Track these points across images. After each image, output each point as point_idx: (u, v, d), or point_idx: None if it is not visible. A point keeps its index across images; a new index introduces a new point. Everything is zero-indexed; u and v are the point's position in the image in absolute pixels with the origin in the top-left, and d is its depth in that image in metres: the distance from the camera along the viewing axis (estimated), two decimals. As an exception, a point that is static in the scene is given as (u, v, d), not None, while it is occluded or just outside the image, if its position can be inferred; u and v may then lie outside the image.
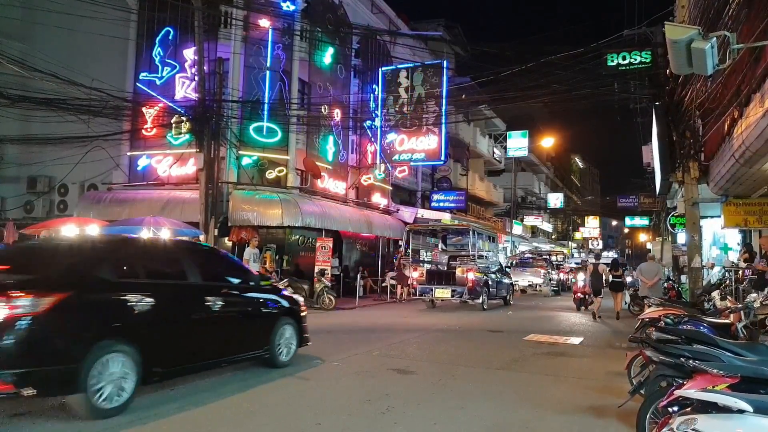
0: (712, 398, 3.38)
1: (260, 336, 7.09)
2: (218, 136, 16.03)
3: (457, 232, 20.81)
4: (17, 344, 4.52)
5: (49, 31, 17.13)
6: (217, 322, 6.44)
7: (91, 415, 4.89)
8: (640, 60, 13.99)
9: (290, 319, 7.61)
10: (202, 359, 6.29)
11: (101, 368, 4.95)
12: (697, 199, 12.77)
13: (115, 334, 5.19)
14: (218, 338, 6.50)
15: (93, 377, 4.87)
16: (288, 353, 7.49)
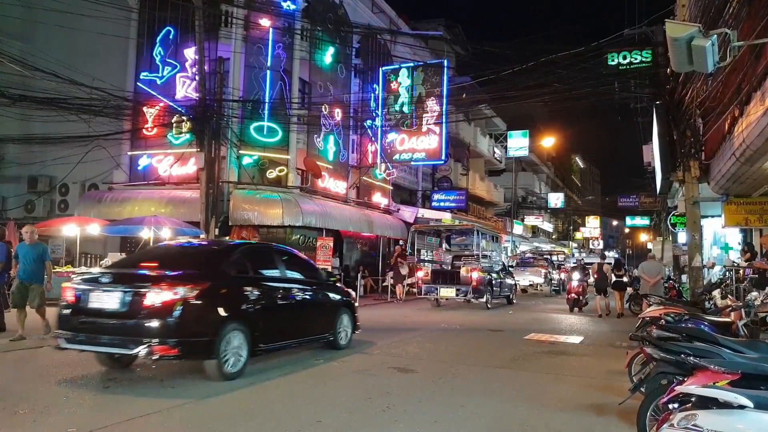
0: (712, 394, 3.38)
1: (328, 322, 8.56)
2: (219, 135, 16.04)
3: (461, 232, 21.02)
4: (177, 320, 5.96)
5: (50, 30, 17.15)
6: (299, 310, 8.08)
7: (220, 377, 6.31)
8: (641, 59, 14.00)
9: (347, 309, 9.09)
10: (289, 338, 7.74)
11: (227, 342, 6.37)
12: (698, 198, 12.77)
13: (236, 316, 6.61)
14: (300, 322, 8.02)
15: (222, 348, 6.30)
16: (346, 337, 8.93)
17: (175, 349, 5.99)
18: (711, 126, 11.64)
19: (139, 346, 5.88)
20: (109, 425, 4.71)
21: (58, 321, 6.53)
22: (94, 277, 6.50)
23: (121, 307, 6.10)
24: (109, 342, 6.17)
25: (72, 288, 6.50)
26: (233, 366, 6.46)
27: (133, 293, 6.10)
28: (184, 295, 6.03)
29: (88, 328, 6.21)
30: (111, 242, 17.68)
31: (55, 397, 5.64)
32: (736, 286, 11.20)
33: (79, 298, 6.38)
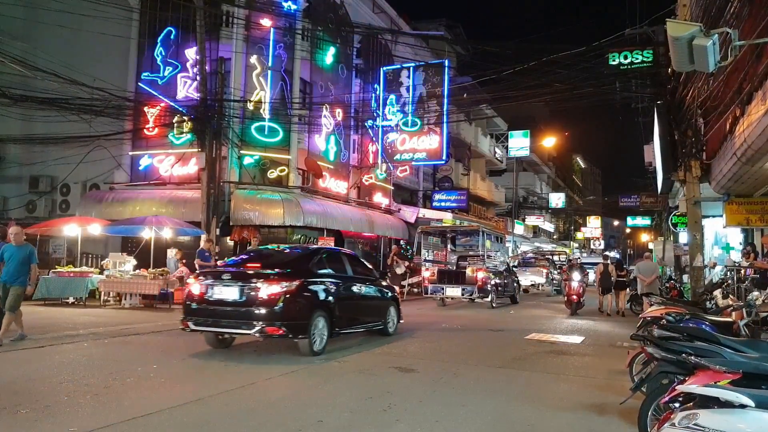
0: (714, 393, 3.38)
1: (381, 313, 10.25)
2: (220, 135, 16.08)
3: (466, 233, 21.30)
4: (282, 308, 7.67)
5: (52, 30, 17.17)
6: (363, 302, 9.76)
7: (310, 353, 7.95)
8: (642, 59, 14.01)
9: (394, 303, 10.76)
10: (357, 324, 9.54)
11: (315, 325, 8.04)
12: (699, 198, 12.76)
13: (320, 305, 8.29)
14: (364, 312, 9.75)
15: (311, 330, 7.97)
16: (393, 326, 10.56)
17: (282, 329, 7.69)
18: (712, 126, 11.63)
19: (255, 327, 7.63)
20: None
21: (185, 310, 8.27)
22: (217, 275, 8.27)
23: (239, 297, 7.82)
24: (229, 324, 7.94)
25: (197, 284, 8.25)
26: (319, 345, 8.16)
27: (248, 287, 7.80)
28: (286, 289, 7.76)
29: (212, 314, 7.98)
30: (112, 242, 17.71)
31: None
32: (738, 285, 11.18)
33: (203, 292, 8.09)
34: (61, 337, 9.10)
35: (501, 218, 38.37)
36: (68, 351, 8.09)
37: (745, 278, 11.40)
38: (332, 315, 8.46)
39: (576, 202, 60.34)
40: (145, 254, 15.03)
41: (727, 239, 17.82)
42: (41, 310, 12.99)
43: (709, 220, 16.37)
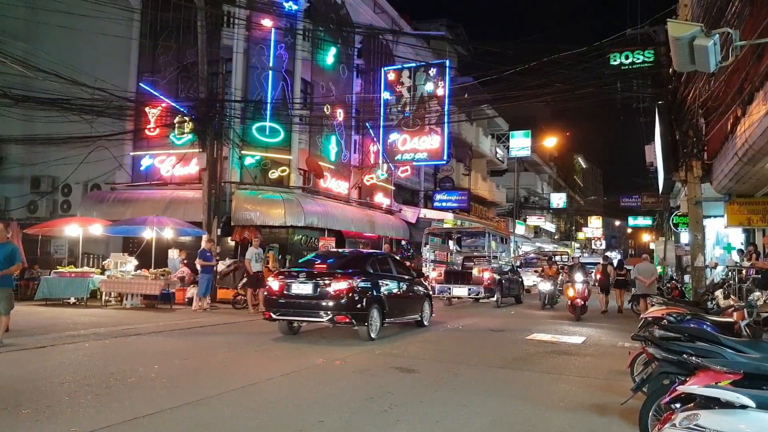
0: (714, 394, 3.38)
1: (418, 306, 11.92)
2: (221, 135, 16.09)
3: (472, 234, 21.79)
4: (348, 300, 9.43)
5: (53, 31, 17.19)
6: (405, 297, 11.40)
7: (368, 338, 9.65)
8: (643, 59, 13.98)
9: (428, 298, 12.55)
10: (401, 316, 11.25)
11: (371, 315, 9.79)
12: (700, 198, 12.74)
13: (375, 299, 10.01)
14: (406, 305, 11.45)
15: (369, 319, 9.70)
16: (427, 318, 12.24)
17: (348, 318, 9.43)
18: (713, 126, 11.62)
19: (328, 316, 9.43)
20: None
21: (266, 302, 10.30)
22: (293, 274, 9.95)
23: (313, 292, 9.55)
24: (305, 314, 9.75)
25: (276, 281, 9.96)
26: (374, 331, 9.86)
27: (320, 284, 9.56)
28: (351, 285, 9.48)
29: (290, 306, 9.74)
30: (113, 242, 17.72)
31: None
32: (739, 286, 11.17)
33: (282, 288, 9.79)
34: (62, 338, 9.11)
35: (502, 218, 38.36)
36: (70, 351, 8.10)
37: (746, 278, 11.39)
38: (383, 307, 10.25)
39: (577, 202, 60.31)
40: (147, 254, 15.05)
41: (729, 239, 17.79)
42: (42, 310, 13.01)
43: (710, 220, 16.34)
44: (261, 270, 14.30)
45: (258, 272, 14.14)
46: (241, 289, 14.89)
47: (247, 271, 14.19)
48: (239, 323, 12.09)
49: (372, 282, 10.07)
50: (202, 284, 14.07)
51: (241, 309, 14.41)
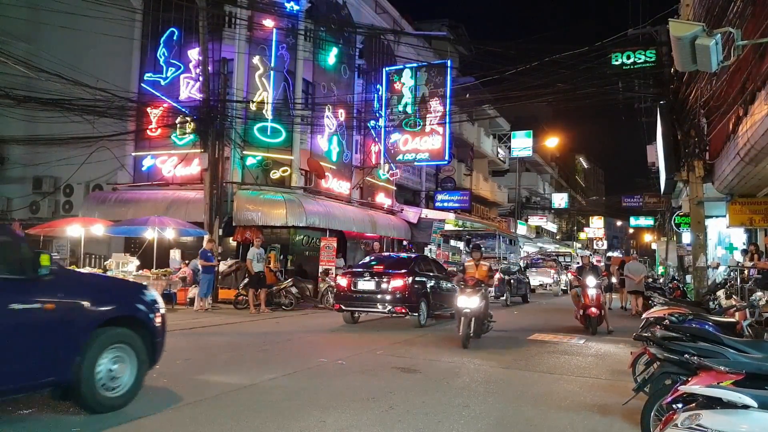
0: (716, 394, 3.37)
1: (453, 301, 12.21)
2: (222, 136, 16.10)
3: (481, 235, 22.70)
4: (403, 294, 11.61)
5: (55, 31, 17.20)
6: (443, 293, 13.15)
7: (419, 325, 11.83)
8: (645, 59, 13.96)
9: None
10: (441, 309, 13.14)
11: (421, 307, 11.95)
12: (702, 198, 12.72)
13: (423, 294, 12.23)
14: (444, 300, 13.07)
15: (419, 310, 11.91)
16: None
17: (404, 308, 11.53)
18: (715, 125, 11.60)
19: (387, 307, 11.57)
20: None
21: (336, 297, 12.67)
22: (358, 273, 12.24)
23: (376, 288, 11.82)
24: (368, 306, 11.93)
25: (344, 279, 12.31)
26: (423, 320, 12.01)
27: (381, 281, 11.77)
28: (405, 282, 11.65)
29: (356, 300, 12.00)
30: (115, 243, 17.74)
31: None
32: (741, 286, 11.15)
33: (349, 284, 12.05)
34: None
35: (504, 218, 38.33)
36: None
37: (748, 278, 11.37)
38: (429, 301, 12.33)
39: (579, 202, 60.23)
40: (148, 255, 15.06)
41: (731, 239, 17.77)
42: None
43: (712, 220, 16.33)
44: (262, 270, 14.31)
45: (259, 272, 14.15)
46: (242, 289, 14.89)
47: (249, 271, 14.21)
48: (241, 323, 12.12)
49: (421, 279, 12.32)
50: (204, 284, 14.09)
51: (242, 309, 14.41)
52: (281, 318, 13.44)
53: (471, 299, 9.59)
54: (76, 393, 4.82)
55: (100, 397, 4.93)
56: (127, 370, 5.18)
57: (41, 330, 4.56)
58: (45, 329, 4.58)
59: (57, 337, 4.65)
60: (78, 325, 4.84)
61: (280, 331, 11.21)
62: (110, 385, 5.03)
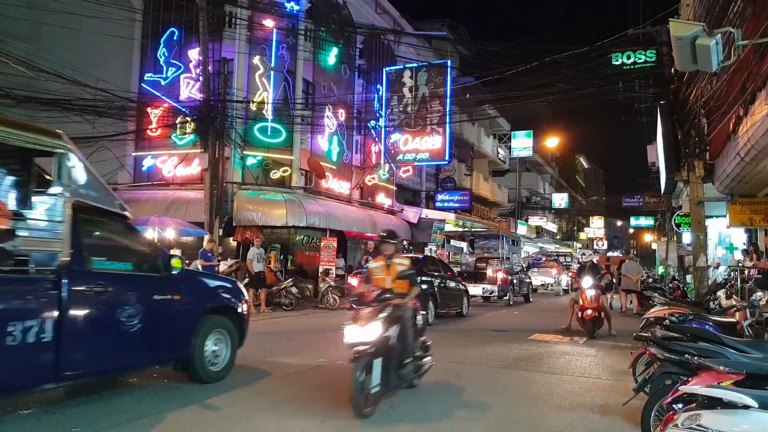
0: (717, 394, 3.37)
1: (459, 300, 14.67)
2: (223, 136, 16.08)
3: (485, 236, 23.09)
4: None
5: (55, 31, 17.19)
6: (450, 292, 13.99)
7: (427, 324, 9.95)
8: (645, 59, 13.95)
9: (465, 293, 15.24)
10: (447, 308, 13.91)
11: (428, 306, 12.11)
12: (702, 198, 12.72)
13: (431, 293, 12.61)
14: (451, 299, 14.08)
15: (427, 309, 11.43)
16: (465, 310, 15.05)
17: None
18: (715, 125, 11.60)
19: None
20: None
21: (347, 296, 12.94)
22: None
23: None
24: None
25: (356, 279, 12.93)
26: (431, 319, 12.05)
27: None
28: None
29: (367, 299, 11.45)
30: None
31: None
32: (741, 286, 11.14)
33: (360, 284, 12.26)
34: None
35: (504, 219, 38.32)
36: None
37: (748, 278, 11.37)
38: (436, 300, 12.81)
39: (579, 202, 60.20)
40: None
41: (731, 239, 17.76)
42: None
43: (712, 220, 16.32)
44: (263, 270, 14.31)
45: (260, 272, 14.15)
46: (242, 289, 14.88)
47: (249, 271, 14.21)
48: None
49: (427, 280, 12.70)
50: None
51: (242, 309, 14.41)
52: (281, 318, 13.44)
53: (366, 328, 5.48)
54: (191, 367, 6.07)
55: (207, 371, 6.18)
56: (225, 349, 6.44)
57: (172, 316, 5.88)
58: (175, 315, 5.91)
59: (182, 321, 5.96)
60: (194, 313, 6.15)
61: (280, 331, 11.21)
62: (213, 361, 6.29)
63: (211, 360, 6.22)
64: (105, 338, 5.15)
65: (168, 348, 5.87)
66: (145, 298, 5.51)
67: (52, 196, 5.24)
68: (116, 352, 5.31)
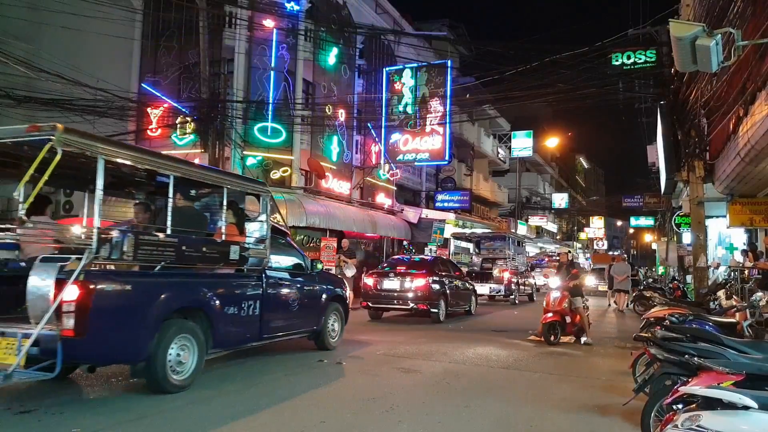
0: (716, 395, 3.37)
1: (468, 299, 15.35)
2: (223, 136, 16.06)
3: (491, 238, 23.59)
4: (425, 292, 12.81)
5: (55, 31, 17.19)
6: (460, 291, 14.64)
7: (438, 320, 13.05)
8: (645, 59, 13.96)
9: (474, 293, 15.94)
10: (458, 306, 14.56)
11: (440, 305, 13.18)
12: (703, 198, 12.71)
13: (442, 293, 13.39)
14: (460, 298, 14.73)
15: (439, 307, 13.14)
16: (473, 309, 15.63)
17: (426, 305, 12.74)
18: (715, 126, 11.59)
19: (411, 304, 12.80)
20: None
21: (363, 295, 13.37)
22: (383, 274, 13.53)
23: (399, 287, 13.00)
24: (393, 303, 13.12)
25: (371, 279, 13.33)
26: (442, 317, 13.16)
27: (405, 280, 12.95)
28: (427, 281, 12.77)
29: (382, 297, 13.13)
30: (115, 243, 17.69)
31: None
32: (741, 286, 11.14)
33: (375, 283, 13.18)
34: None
35: (504, 219, 38.30)
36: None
37: (749, 279, 11.37)
38: (447, 299, 13.46)
39: (579, 202, 60.20)
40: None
41: (731, 239, 17.75)
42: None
43: (712, 220, 16.32)
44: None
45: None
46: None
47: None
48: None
49: (439, 279, 13.41)
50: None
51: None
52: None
53: None
54: (320, 338, 8.63)
55: (329, 342, 8.78)
56: (338, 325, 9.07)
57: (313, 300, 8.44)
58: (314, 300, 8.47)
59: (317, 305, 8.51)
60: (323, 299, 8.67)
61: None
62: (332, 334, 8.89)
63: (330, 333, 8.81)
64: (283, 313, 7.71)
65: (311, 322, 8.36)
66: (300, 287, 8.20)
67: (259, 222, 7.43)
68: (288, 323, 7.84)
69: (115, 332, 5.21)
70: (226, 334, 6.44)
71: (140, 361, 5.45)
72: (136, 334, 5.34)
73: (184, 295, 5.95)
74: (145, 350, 5.38)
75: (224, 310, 6.37)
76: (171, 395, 5.63)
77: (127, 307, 5.33)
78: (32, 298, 4.90)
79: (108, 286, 5.16)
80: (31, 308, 4.91)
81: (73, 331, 4.77)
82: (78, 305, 4.79)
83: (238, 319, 6.62)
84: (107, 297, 5.14)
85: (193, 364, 5.92)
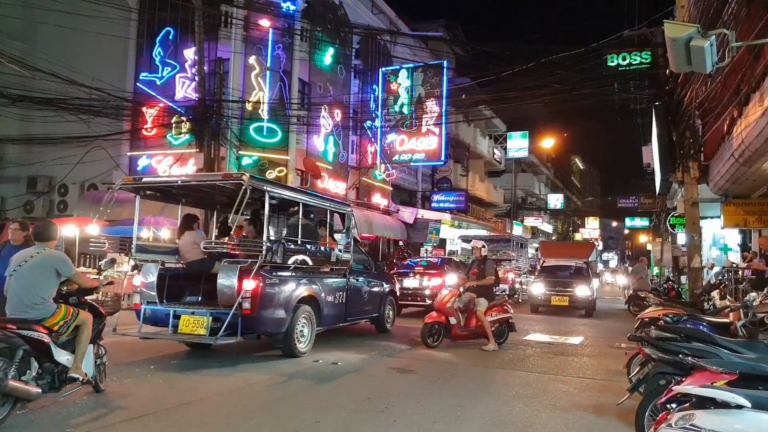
0: (710, 394, 3.39)
1: None
2: (218, 136, 16.03)
3: (495, 240, 23.94)
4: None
5: (50, 30, 17.14)
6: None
7: None
8: (640, 60, 13.98)
9: None
10: None
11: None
12: (697, 199, 12.76)
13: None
14: None
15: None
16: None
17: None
18: (710, 127, 11.65)
19: (429, 301, 12.96)
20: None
21: None
22: (404, 274, 14.62)
23: (419, 285, 14.20)
24: (413, 299, 14.13)
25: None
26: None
27: (423, 279, 14.23)
28: (444, 279, 13.42)
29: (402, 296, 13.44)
30: (110, 243, 17.63)
31: None
32: (735, 287, 11.20)
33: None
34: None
35: (500, 219, 38.36)
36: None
37: (742, 279, 11.42)
38: None
39: (575, 203, 60.32)
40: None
41: (725, 240, 17.83)
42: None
43: (707, 221, 16.38)
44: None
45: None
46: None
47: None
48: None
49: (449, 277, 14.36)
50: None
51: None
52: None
53: None
54: (380, 323, 10.92)
55: (386, 326, 11.02)
56: (392, 313, 11.36)
57: (376, 292, 10.70)
58: (377, 292, 10.72)
59: (378, 296, 10.76)
60: (382, 292, 10.92)
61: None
62: (388, 320, 11.14)
63: (387, 320, 11.03)
64: (359, 302, 9.99)
65: (375, 309, 10.63)
66: (369, 282, 10.45)
67: (344, 234, 10.08)
68: (362, 309, 10.16)
69: (272, 311, 7.45)
70: (327, 316, 8.78)
71: (282, 332, 7.66)
72: (283, 313, 7.61)
73: (307, 287, 8.22)
74: (285, 324, 7.66)
75: (326, 298, 8.75)
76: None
77: (279, 295, 7.62)
78: (222, 289, 7.40)
79: (269, 280, 7.47)
80: (220, 296, 7.39)
81: (250, 311, 7.11)
82: (253, 293, 7.13)
83: (334, 305, 9.04)
84: (269, 287, 7.42)
85: (311, 337, 8.25)
